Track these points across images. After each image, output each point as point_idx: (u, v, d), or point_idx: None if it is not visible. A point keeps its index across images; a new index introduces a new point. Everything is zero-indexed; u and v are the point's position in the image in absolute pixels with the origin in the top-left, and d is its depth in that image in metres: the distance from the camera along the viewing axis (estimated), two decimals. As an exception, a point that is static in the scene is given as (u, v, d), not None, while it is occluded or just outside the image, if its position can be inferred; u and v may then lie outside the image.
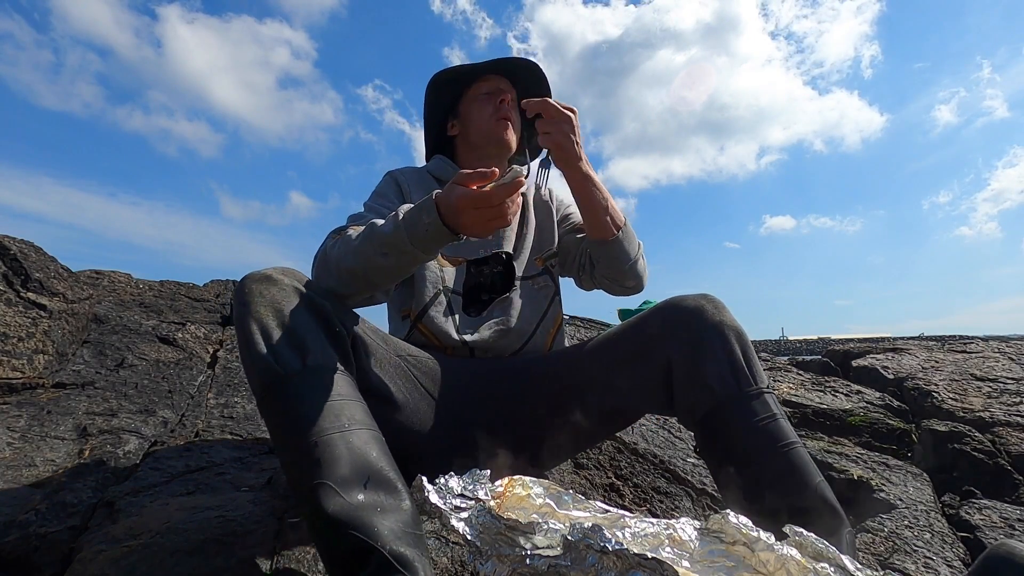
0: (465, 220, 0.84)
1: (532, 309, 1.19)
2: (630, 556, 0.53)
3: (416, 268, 0.99)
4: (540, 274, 1.25)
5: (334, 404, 0.75)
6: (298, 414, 0.74)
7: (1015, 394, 1.74)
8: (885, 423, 1.64)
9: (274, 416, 0.77)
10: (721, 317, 0.96)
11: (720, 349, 0.93)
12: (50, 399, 1.45)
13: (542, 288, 1.23)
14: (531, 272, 1.23)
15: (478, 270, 1.18)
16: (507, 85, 1.25)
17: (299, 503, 0.74)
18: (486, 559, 0.58)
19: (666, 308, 1.01)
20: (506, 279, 1.19)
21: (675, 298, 1.02)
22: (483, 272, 1.18)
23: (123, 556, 0.82)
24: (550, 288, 1.25)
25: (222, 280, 2.96)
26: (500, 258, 1.20)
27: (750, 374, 0.92)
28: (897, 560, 1.03)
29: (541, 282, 1.24)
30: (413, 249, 0.88)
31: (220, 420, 1.49)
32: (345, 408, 0.76)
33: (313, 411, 0.73)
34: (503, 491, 0.70)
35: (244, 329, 0.79)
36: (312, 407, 0.74)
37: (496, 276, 1.19)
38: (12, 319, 1.70)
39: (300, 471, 0.70)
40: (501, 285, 1.19)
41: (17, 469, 1.10)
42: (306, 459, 0.70)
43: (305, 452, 0.70)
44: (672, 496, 1.27)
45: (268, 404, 0.77)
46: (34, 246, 2.15)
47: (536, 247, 1.26)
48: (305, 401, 0.75)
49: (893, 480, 1.35)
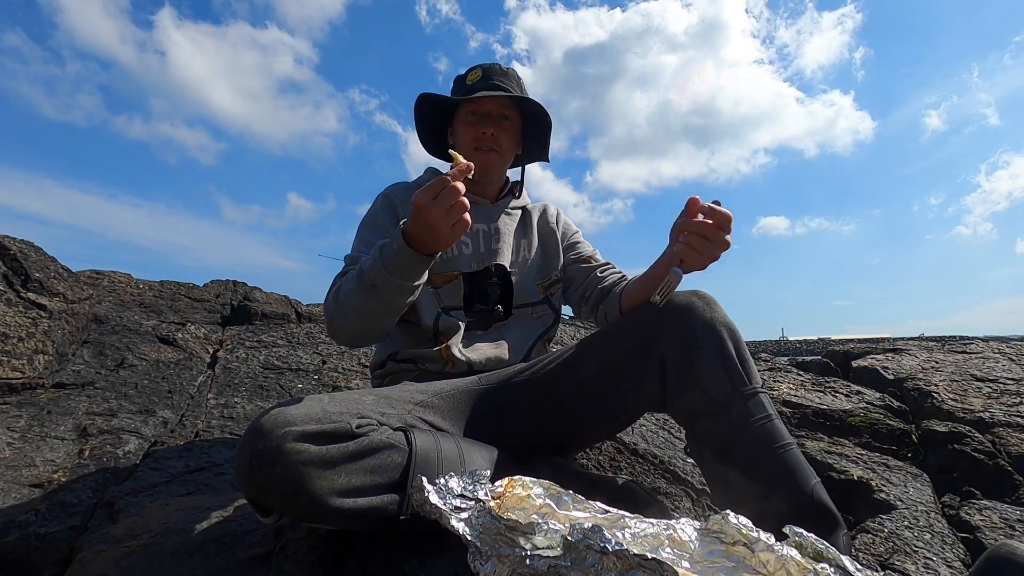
0: (428, 217, 0.84)
1: (527, 336, 1.21)
2: (630, 557, 0.53)
3: (412, 297, 0.96)
4: (540, 302, 1.25)
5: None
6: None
7: (1015, 395, 1.74)
8: (885, 423, 1.64)
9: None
10: (712, 314, 0.95)
11: (713, 347, 0.92)
12: (50, 399, 1.45)
13: (540, 317, 1.25)
14: (532, 299, 1.24)
15: (474, 282, 1.18)
16: (499, 105, 1.21)
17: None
18: (486, 559, 0.58)
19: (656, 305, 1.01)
20: (503, 291, 1.20)
21: None
22: (479, 284, 1.18)
23: (123, 556, 0.82)
24: (549, 317, 1.26)
25: (222, 280, 2.96)
26: (491, 271, 1.20)
27: (744, 373, 0.91)
28: (897, 561, 1.03)
29: (540, 311, 1.25)
30: (392, 278, 0.89)
31: (220, 420, 1.49)
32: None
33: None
34: (503, 491, 0.70)
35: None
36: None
37: (492, 288, 1.19)
38: (12, 319, 1.70)
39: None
40: (498, 297, 1.19)
41: (17, 469, 1.10)
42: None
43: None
44: (672, 496, 1.27)
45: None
46: (34, 246, 2.15)
47: (540, 272, 1.27)
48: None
49: (893, 481, 1.35)
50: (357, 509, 0.74)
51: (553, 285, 1.27)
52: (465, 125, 1.21)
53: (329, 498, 0.71)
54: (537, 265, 1.27)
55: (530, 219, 1.32)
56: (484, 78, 1.21)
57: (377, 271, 0.90)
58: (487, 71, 1.22)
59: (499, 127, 1.20)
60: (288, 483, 0.70)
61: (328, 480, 0.72)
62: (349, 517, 0.74)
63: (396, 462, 0.78)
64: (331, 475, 0.72)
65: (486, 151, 1.19)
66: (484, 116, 1.20)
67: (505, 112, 1.22)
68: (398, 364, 1.16)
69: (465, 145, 1.20)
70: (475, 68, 1.24)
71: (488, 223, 1.25)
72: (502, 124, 1.21)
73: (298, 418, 0.73)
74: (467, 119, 1.21)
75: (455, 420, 0.98)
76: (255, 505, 0.73)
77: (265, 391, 1.73)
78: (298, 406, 0.76)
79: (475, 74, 1.23)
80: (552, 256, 1.29)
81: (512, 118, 1.23)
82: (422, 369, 1.13)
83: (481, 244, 1.22)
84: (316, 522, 0.75)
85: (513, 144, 1.26)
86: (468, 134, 1.20)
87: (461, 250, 1.20)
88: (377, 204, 1.23)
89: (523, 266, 1.25)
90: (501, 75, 1.22)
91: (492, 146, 1.20)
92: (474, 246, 1.21)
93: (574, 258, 1.30)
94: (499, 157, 1.22)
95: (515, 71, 1.26)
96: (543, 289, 1.25)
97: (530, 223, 1.31)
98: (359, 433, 0.77)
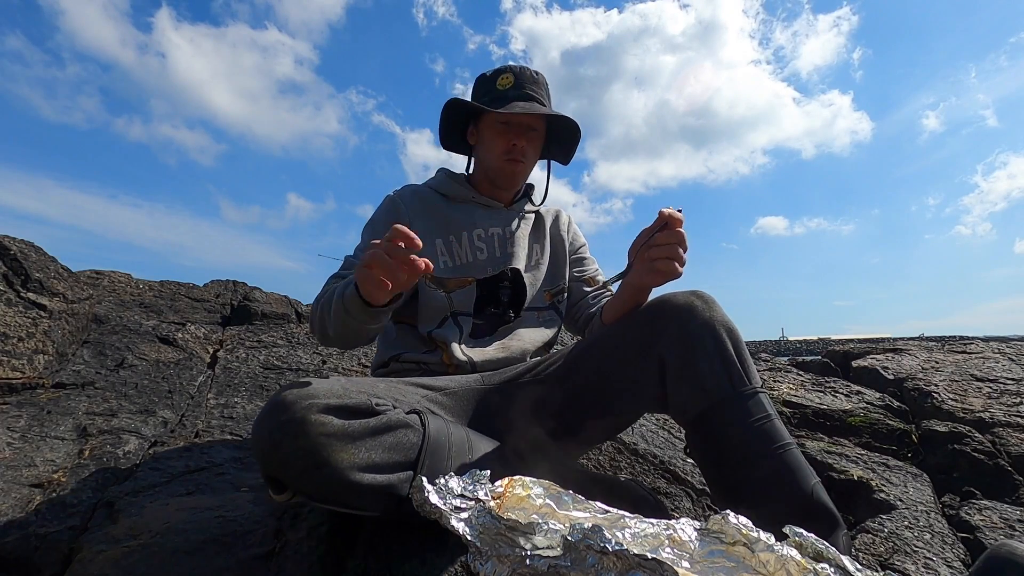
0: (359, 275, 0.82)
1: (533, 337, 1.21)
2: (630, 557, 0.53)
3: (381, 325, 0.95)
4: (547, 308, 1.26)
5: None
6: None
7: (1015, 395, 1.74)
8: (885, 423, 1.64)
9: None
10: (711, 313, 0.95)
11: (712, 347, 0.92)
12: (50, 399, 1.45)
13: (546, 321, 1.26)
14: (539, 305, 1.25)
15: (487, 288, 1.19)
16: (532, 117, 1.21)
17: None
18: (486, 559, 0.58)
19: (655, 306, 1.01)
20: (515, 295, 1.21)
21: (665, 295, 1.02)
22: (492, 288, 1.20)
23: (123, 556, 0.82)
24: (555, 322, 1.27)
25: (222, 280, 2.96)
26: (507, 275, 1.21)
27: (744, 373, 0.91)
28: (897, 561, 1.03)
29: (546, 315, 1.26)
30: (352, 317, 0.89)
31: (220, 420, 1.49)
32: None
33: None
34: (503, 491, 0.70)
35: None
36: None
37: (504, 292, 1.20)
38: (12, 319, 1.70)
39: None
40: (510, 300, 1.21)
41: (17, 469, 1.10)
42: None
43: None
44: (672, 496, 1.27)
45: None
46: (34, 246, 2.15)
47: (548, 279, 1.28)
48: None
49: (893, 481, 1.35)
50: (376, 485, 0.74)
51: (559, 294, 1.28)
52: (495, 134, 1.20)
53: (350, 472, 0.72)
54: (547, 271, 1.28)
55: (543, 225, 1.32)
56: (517, 86, 1.20)
57: (342, 306, 0.90)
58: (519, 77, 1.21)
59: (528, 138, 1.21)
60: (310, 456, 0.70)
61: (349, 454, 0.72)
62: (366, 494, 0.74)
63: (412, 441, 0.79)
64: (352, 449, 0.73)
65: (517, 161, 1.20)
66: (515, 127, 1.19)
67: (535, 125, 1.22)
68: (401, 364, 1.16)
69: (497, 155, 1.20)
70: (505, 72, 1.21)
71: (503, 226, 1.25)
72: (530, 135, 1.22)
73: (320, 392, 0.74)
74: (497, 128, 1.20)
75: (458, 415, 0.99)
76: (271, 482, 0.74)
77: (265, 391, 1.73)
78: (318, 382, 0.77)
79: (507, 79, 1.20)
80: (560, 265, 1.31)
81: (540, 129, 1.24)
82: (424, 369, 1.13)
83: (496, 248, 1.23)
84: (331, 500, 0.74)
85: (538, 153, 1.27)
86: (500, 144, 1.20)
87: (476, 256, 1.20)
88: (382, 207, 1.24)
89: (535, 270, 1.26)
90: (532, 83, 1.21)
91: (520, 157, 1.20)
92: (489, 251, 1.22)
93: (576, 275, 1.32)
94: (526, 167, 1.23)
95: (543, 77, 1.25)
96: (549, 296, 1.25)
97: (543, 229, 1.32)
98: (379, 410, 0.78)
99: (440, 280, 1.06)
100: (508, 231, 1.25)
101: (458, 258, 1.19)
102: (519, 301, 1.22)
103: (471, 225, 1.22)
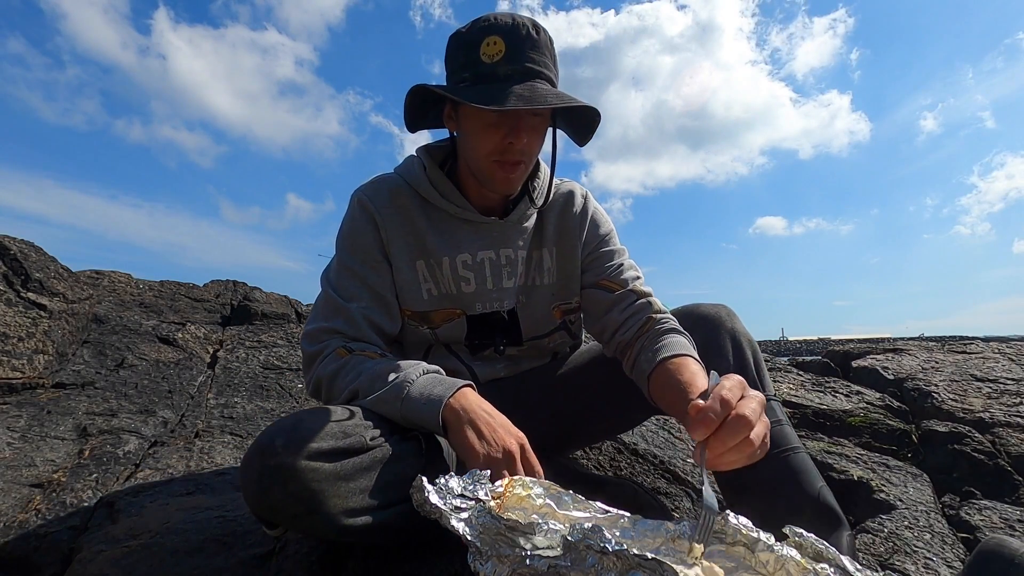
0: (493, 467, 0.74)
1: (541, 359, 1.14)
2: (630, 556, 0.53)
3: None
4: (557, 329, 1.10)
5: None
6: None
7: (1015, 395, 1.74)
8: (885, 424, 1.64)
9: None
10: (734, 325, 1.01)
11: (733, 355, 0.97)
12: (50, 399, 1.45)
13: (558, 344, 1.13)
14: (546, 329, 1.09)
15: (478, 322, 1.04)
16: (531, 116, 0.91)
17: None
18: (486, 559, 0.58)
19: (683, 314, 1.04)
20: (513, 330, 1.08)
21: (692, 305, 1.07)
22: (483, 325, 1.05)
23: (123, 556, 0.82)
24: (566, 343, 1.14)
25: (222, 280, 2.96)
26: (501, 316, 1.05)
27: (759, 381, 0.95)
28: (897, 561, 1.03)
29: (558, 338, 1.11)
30: (405, 421, 0.80)
31: (220, 420, 1.49)
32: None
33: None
34: (503, 491, 0.70)
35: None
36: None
37: (499, 337, 1.06)
38: (12, 319, 1.70)
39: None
40: (506, 337, 1.08)
41: (17, 469, 1.10)
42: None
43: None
44: (672, 496, 1.27)
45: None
46: (34, 246, 2.15)
47: (556, 294, 1.07)
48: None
49: (893, 481, 1.35)
50: (371, 525, 0.71)
51: (572, 313, 1.10)
52: (483, 127, 0.89)
53: (342, 518, 0.68)
54: (552, 287, 1.07)
55: (546, 225, 1.05)
56: (510, 57, 0.85)
57: (400, 414, 0.80)
58: (512, 43, 0.85)
59: (529, 131, 0.89)
60: (302, 503, 0.66)
61: (343, 499, 0.68)
62: (362, 534, 0.71)
63: (409, 476, 0.71)
64: (345, 492, 0.69)
65: (513, 164, 0.91)
66: (512, 119, 0.88)
67: (539, 110, 0.90)
68: None
69: (484, 155, 0.91)
70: (492, 36, 0.85)
71: (496, 249, 1.01)
72: (533, 124, 0.90)
73: (311, 433, 0.69)
74: (486, 119, 0.88)
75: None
76: (262, 520, 0.72)
77: (265, 391, 1.73)
78: (309, 419, 0.71)
79: (494, 46, 0.85)
80: (571, 277, 1.07)
81: (545, 113, 0.92)
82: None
83: (488, 279, 1.01)
84: (325, 537, 0.74)
85: (543, 140, 0.96)
86: (489, 142, 0.89)
87: (460, 287, 1.00)
88: (356, 220, 0.98)
89: (535, 293, 1.06)
90: (532, 48, 0.86)
91: (521, 158, 0.91)
92: (478, 282, 1.01)
93: (591, 280, 1.05)
94: (526, 168, 0.95)
95: (546, 34, 0.88)
96: (560, 313, 1.08)
97: (546, 231, 1.05)
98: (373, 446, 0.74)
99: (423, 315, 0.99)
100: (503, 255, 1.02)
101: (442, 286, 1.00)
102: (518, 337, 1.07)
103: (455, 248, 0.99)
